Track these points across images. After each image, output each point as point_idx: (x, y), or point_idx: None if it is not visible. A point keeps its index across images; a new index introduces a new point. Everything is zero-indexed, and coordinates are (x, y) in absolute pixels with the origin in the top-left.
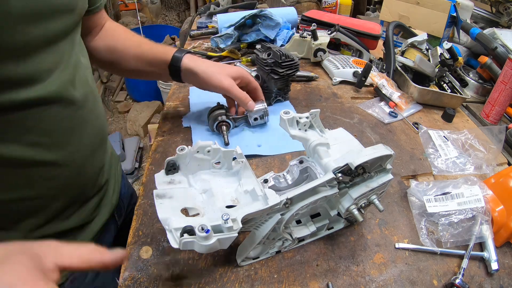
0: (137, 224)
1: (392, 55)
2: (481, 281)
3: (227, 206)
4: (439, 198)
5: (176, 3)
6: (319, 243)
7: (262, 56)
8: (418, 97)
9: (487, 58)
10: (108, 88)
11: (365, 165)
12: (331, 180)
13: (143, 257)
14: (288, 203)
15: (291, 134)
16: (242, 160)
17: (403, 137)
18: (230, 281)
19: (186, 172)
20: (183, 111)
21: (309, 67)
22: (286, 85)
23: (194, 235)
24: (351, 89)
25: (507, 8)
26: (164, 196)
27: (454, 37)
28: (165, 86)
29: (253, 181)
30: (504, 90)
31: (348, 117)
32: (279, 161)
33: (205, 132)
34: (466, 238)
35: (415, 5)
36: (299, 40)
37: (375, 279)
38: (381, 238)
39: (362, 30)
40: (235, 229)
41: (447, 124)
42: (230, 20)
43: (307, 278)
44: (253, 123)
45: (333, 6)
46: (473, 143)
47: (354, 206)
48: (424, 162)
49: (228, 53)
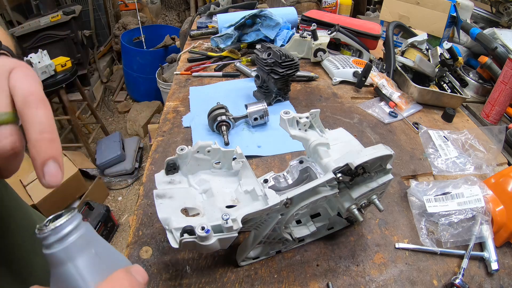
0: (137, 224)
1: (392, 55)
2: (481, 281)
3: (227, 206)
4: (439, 198)
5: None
6: (319, 243)
7: (262, 56)
8: (418, 97)
9: (487, 58)
10: (108, 88)
11: (365, 165)
12: (331, 180)
13: (143, 257)
14: (288, 203)
15: (291, 134)
16: (242, 160)
17: (403, 137)
18: (230, 281)
19: (186, 172)
20: (183, 111)
21: (309, 67)
22: (286, 85)
23: (194, 235)
24: (351, 89)
25: (507, 8)
26: (164, 196)
27: (454, 37)
28: (165, 86)
29: (253, 181)
30: (504, 90)
31: (348, 117)
32: (279, 161)
33: (205, 132)
34: (466, 238)
35: (415, 5)
36: (299, 40)
37: (375, 279)
38: (381, 238)
39: (362, 30)
40: (235, 229)
41: (447, 124)
42: (230, 20)
43: (307, 278)
44: (253, 123)
45: (333, 6)
46: (473, 143)
47: (354, 206)
48: (424, 162)
49: (228, 53)
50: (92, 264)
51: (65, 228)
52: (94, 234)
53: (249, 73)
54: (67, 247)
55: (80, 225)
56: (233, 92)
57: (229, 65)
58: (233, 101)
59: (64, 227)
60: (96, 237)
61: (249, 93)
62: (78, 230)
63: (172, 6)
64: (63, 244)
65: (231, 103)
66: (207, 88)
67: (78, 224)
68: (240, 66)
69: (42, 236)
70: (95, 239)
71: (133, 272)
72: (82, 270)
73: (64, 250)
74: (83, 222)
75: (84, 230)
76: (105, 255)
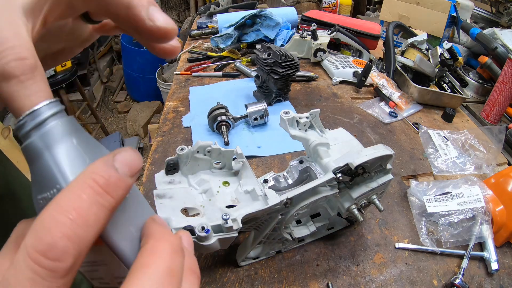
0: None
1: (392, 55)
2: (481, 281)
3: (227, 206)
4: (439, 198)
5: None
6: (319, 243)
7: (262, 56)
8: (418, 97)
9: (487, 58)
10: (108, 88)
11: (365, 165)
12: (331, 180)
13: None
14: (288, 203)
15: (291, 134)
16: (242, 160)
17: (403, 137)
18: (230, 281)
19: (186, 172)
20: (183, 111)
21: (309, 67)
22: (286, 85)
23: (194, 235)
24: (351, 89)
25: (507, 8)
26: (164, 196)
27: (454, 37)
28: (165, 86)
29: (253, 181)
30: (504, 90)
31: (348, 117)
32: (279, 161)
33: (205, 132)
34: (466, 238)
35: (415, 5)
36: (299, 40)
37: (375, 279)
38: (381, 238)
39: (362, 30)
40: (235, 229)
41: (447, 124)
42: (230, 20)
43: (307, 278)
44: (253, 123)
45: (333, 6)
46: (473, 143)
47: (354, 206)
48: (424, 162)
49: (228, 53)
50: (72, 155)
51: (42, 113)
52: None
53: (249, 73)
54: (45, 133)
55: (60, 113)
56: (233, 92)
57: (229, 65)
58: (233, 101)
59: (42, 112)
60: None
61: (249, 93)
62: (58, 118)
63: (172, 6)
64: (40, 130)
65: (231, 103)
66: (207, 88)
67: (58, 111)
68: (240, 66)
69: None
70: (77, 130)
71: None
72: (60, 160)
73: (40, 138)
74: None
75: (65, 120)
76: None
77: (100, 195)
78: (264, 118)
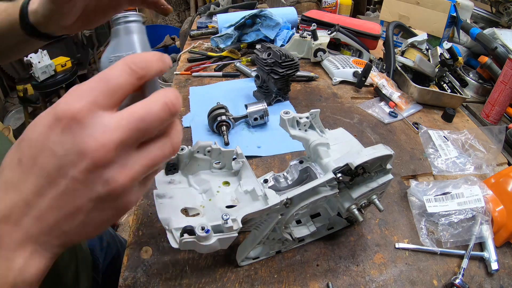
0: (137, 224)
1: (392, 55)
2: (481, 281)
3: (227, 206)
4: (439, 198)
5: (176, 3)
6: (319, 243)
7: (262, 56)
8: (418, 97)
9: (487, 58)
10: None
11: (365, 165)
12: (331, 180)
13: (143, 257)
14: (288, 203)
15: (291, 134)
16: (242, 160)
17: (403, 137)
18: (230, 281)
19: (186, 172)
20: (183, 111)
21: (309, 67)
22: (286, 85)
23: (194, 235)
24: (351, 89)
25: (507, 8)
26: (164, 196)
27: (454, 37)
28: (165, 86)
29: (253, 181)
30: (504, 90)
31: (348, 117)
32: (279, 161)
33: (205, 132)
34: (466, 238)
35: (415, 5)
36: (299, 40)
37: (375, 279)
38: (381, 238)
39: (362, 30)
40: (235, 229)
41: (447, 124)
42: (230, 20)
43: (307, 278)
44: (253, 123)
45: (333, 6)
46: (473, 143)
47: (354, 206)
48: (424, 162)
49: (228, 53)
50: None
51: (132, 16)
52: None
53: (249, 73)
54: (131, 25)
55: (140, 21)
56: (233, 92)
57: (229, 65)
58: (233, 101)
59: (132, 15)
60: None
61: (249, 93)
62: (139, 22)
63: (172, 6)
64: (128, 23)
65: (231, 103)
66: (207, 88)
67: (139, 19)
68: (240, 66)
69: (117, 17)
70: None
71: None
72: (136, 40)
73: (128, 26)
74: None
75: (142, 25)
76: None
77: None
78: (264, 118)
